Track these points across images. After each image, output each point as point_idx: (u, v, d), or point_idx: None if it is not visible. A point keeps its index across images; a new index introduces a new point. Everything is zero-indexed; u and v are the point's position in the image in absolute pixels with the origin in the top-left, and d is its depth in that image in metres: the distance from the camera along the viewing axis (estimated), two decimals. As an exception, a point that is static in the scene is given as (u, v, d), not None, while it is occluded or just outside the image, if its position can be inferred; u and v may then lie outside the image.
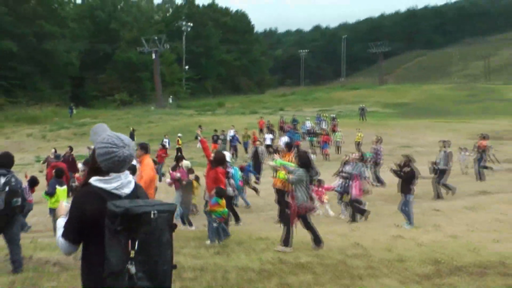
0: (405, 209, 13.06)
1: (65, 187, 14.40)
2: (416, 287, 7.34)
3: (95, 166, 3.37)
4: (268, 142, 33.71)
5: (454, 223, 13.05)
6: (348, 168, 15.02)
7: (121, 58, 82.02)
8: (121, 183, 3.31)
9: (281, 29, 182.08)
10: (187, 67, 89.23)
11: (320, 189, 15.73)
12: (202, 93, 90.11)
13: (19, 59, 72.06)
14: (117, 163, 3.31)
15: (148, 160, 10.35)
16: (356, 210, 14.22)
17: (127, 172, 3.45)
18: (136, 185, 3.50)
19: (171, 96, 75.97)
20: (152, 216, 2.98)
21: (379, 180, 20.48)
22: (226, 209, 11.16)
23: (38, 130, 53.73)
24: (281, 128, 40.44)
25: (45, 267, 9.20)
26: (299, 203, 10.32)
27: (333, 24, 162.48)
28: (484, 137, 21.88)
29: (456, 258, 8.80)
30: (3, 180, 9.00)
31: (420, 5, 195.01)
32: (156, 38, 74.04)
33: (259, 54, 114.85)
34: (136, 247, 2.94)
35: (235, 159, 28.98)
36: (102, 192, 3.22)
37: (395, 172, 13.92)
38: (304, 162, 10.73)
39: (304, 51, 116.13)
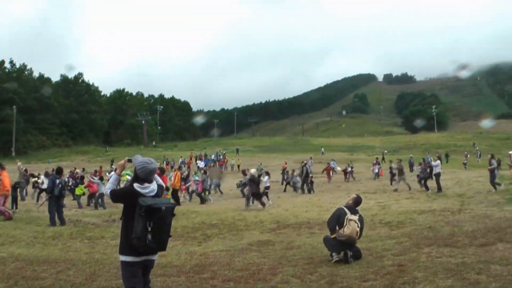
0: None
1: (81, 186, 28.73)
2: (268, 235, 14.21)
3: (136, 176, 5.73)
4: (200, 165, 58.24)
5: (286, 203, 24.58)
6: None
7: (129, 122, 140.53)
8: (150, 190, 5.67)
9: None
10: (159, 127, 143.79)
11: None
12: (166, 140, 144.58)
13: (81, 123, 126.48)
14: (148, 173, 5.72)
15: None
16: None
17: (154, 182, 5.84)
18: (158, 189, 5.87)
19: (153, 142, 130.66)
20: (162, 209, 5.37)
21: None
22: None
23: (87, 157, 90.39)
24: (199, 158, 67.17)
25: (87, 225, 16.89)
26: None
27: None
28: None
29: (286, 220, 16.97)
30: (58, 181, 17.68)
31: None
32: (144, 113, 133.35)
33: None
34: (151, 225, 5.29)
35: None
36: (138, 192, 5.57)
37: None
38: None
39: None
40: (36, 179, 31.00)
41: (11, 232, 15.26)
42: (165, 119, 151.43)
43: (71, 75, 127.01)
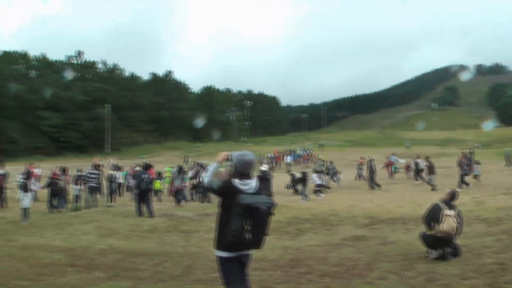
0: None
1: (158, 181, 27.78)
2: (362, 230, 13.93)
3: (235, 170, 5.61)
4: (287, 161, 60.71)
5: (379, 198, 23.93)
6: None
7: (219, 118, 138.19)
8: (249, 187, 5.53)
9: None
10: (248, 122, 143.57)
11: None
12: (256, 135, 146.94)
13: (170, 120, 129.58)
14: (245, 164, 5.61)
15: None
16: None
17: (255, 178, 5.71)
18: (259, 185, 5.68)
19: (242, 137, 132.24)
20: (261, 208, 5.28)
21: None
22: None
23: (178, 153, 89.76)
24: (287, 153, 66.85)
25: (181, 219, 17.02)
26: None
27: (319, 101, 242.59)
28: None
29: (379, 215, 16.55)
30: (144, 176, 19.18)
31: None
32: (233, 109, 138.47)
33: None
34: (249, 224, 5.21)
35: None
36: (238, 189, 5.44)
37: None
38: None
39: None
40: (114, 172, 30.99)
41: (110, 225, 15.85)
42: (253, 115, 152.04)
43: (80, 60, 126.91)
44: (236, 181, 5.55)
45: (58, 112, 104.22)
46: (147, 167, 20.82)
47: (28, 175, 20.26)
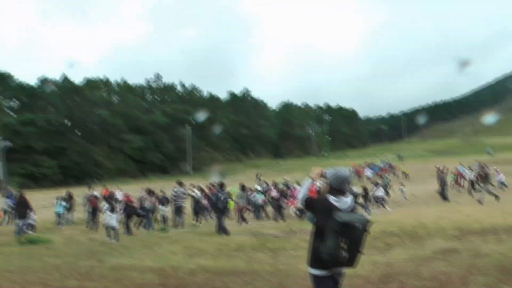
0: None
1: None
2: (452, 242, 13.23)
3: (330, 186, 5.53)
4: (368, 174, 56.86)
5: (467, 208, 22.32)
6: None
7: (298, 134, 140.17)
8: (345, 204, 5.44)
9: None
10: (328, 137, 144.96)
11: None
12: (336, 149, 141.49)
13: (251, 138, 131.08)
14: (341, 180, 5.51)
15: None
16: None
17: (349, 196, 5.58)
18: (353, 202, 5.61)
19: (323, 152, 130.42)
20: (358, 226, 5.18)
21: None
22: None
23: (258, 171, 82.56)
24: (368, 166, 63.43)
25: (267, 237, 17.02)
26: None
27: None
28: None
29: (468, 226, 15.48)
30: (220, 195, 19.47)
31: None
32: (313, 123, 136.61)
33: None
34: (345, 242, 5.10)
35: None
36: (333, 206, 5.35)
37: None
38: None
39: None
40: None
41: (197, 244, 15.93)
42: (333, 129, 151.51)
43: (71, 72, 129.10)
44: (331, 198, 5.47)
45: (141, 134, 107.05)
46: (221, 186, 20.79)
47: (110, 197, 21.13)
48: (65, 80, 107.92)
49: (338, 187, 5.52)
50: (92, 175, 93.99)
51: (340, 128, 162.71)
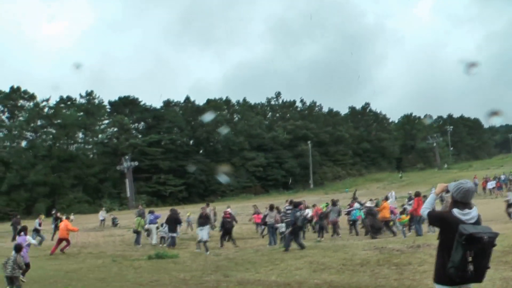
0: None
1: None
2: None
3: (453, 200, 5.49)
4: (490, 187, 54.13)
5: None
6: None
7: (420, 146, 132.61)
8: (471, 217, 5.34)
9: None
10: (451, 148, 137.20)
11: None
12: (460, 161, 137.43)
13: (372, 152, 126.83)
14: (465, 192, 5.42)
15: None
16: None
17: (475, 208, 5.46)
18: (478, 216, 5.45)
19: (445, 164, 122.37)
20: (484, 238, 5.03)
21: None
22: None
23: (381, 184, 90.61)
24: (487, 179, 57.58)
25: (392, 252, 15.55)
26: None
27: None
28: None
29: None
30: (299, 213, 20.06)
31: None
32: (435, 135, 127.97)
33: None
34: (472, 255, 5.00)
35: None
36: (458, 219, 5.28)
37: None
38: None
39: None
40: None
41: (321, 260, 15.80)
42: (456, 140, 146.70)
43: (195, 94, 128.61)
44: (456, 211, 5.41)
45: (263, 151, 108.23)
46: (296, 205, 21.22)
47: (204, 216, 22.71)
48: (187, 101, 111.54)
49: (462, 199, 5.47)
50: (217, 192, 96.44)
51: (464, 139, 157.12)
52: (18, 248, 12.81)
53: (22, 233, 16.35)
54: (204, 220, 23.40)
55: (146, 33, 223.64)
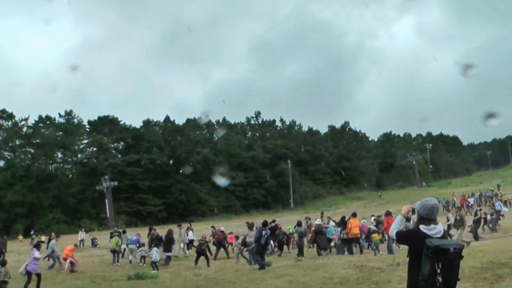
0: None
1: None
2: None
3: (419, 216, 5.80)
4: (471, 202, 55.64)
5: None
6: None
7: (400, 164, 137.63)
8: (436, 231, 5.65)
9: None
10: (430, 165, 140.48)
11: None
12: (439, 178, 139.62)
13: (352, 170, 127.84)
14: (430, 209, 5.75)
15: None
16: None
17: (440, 224, 5.82)
18: (444, 230, 5.86)
19: (423, 182, 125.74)
20: (451, 250, 5.33)
21: None
22: None
23: (361, 203, 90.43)
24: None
25: (371, 270, 16.12)
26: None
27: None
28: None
29: None
30: (264, 232, 20.87)
31: None
32: (414, 153, 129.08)
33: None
34: (440, 267, 5.31)
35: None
36: (424, 234, 5.58)
37: None
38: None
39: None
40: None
41: (301, 278, 15.78)
42: (435, 157, 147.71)
43: (174, 113, 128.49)
44: (422, 227, 5.73)
45: (243, 171, 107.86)
46: (265, 224, 22.80)
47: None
48: (167, 120, 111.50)
49: (427, 215, 5.79)
50: (197, 212, 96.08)
51: (443, 156, 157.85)
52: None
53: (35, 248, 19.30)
54: (157, 241, 26.36)
55: (128, 53, 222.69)
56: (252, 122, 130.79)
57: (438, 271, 5.35)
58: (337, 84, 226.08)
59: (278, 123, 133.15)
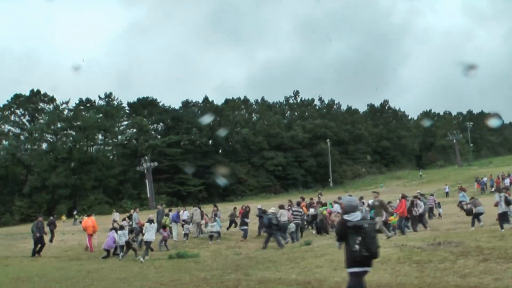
0: None
1: None
2: None
3: (344, 210, 7.70)
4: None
5: None
6: None
7: (440, 143, 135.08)
8: (354, 216, 7.45)
9: None
10: (471, 145, 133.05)
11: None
12: (480, 158, 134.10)
13: (392, 150, 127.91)
14: (351, 207, 7.60)
15: None
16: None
17: (358, 213, 7.60)
18: (362, 216, 7.71)
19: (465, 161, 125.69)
20: (365, 225, 7.32)
21: None
22: None
23: (401, 182, 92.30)
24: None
25: (413, 249, 16.19)
26: None
27: None
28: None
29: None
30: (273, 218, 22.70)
31: None
32: (455, 132, 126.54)
33: None
34: (360, 239, 7.16)
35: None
36: (347, 220, 7.42)
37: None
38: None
39: None
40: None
41: (341, 258, 15.43)
42: (476, 136, 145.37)
43: (214, 94, 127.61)
44: (345, 216, 7.65)
45: (282, 151, 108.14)
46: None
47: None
48: (206, 101, 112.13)
49: (349, 210, 7.66)
50: (236, 192, 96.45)
51: (484, 135, 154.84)
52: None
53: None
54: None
55: (172, 34, 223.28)
56: (291, 101, 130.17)
57: (358, 241, 7.20)
58: (379, 63, 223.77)
59: (316, 102, 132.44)
